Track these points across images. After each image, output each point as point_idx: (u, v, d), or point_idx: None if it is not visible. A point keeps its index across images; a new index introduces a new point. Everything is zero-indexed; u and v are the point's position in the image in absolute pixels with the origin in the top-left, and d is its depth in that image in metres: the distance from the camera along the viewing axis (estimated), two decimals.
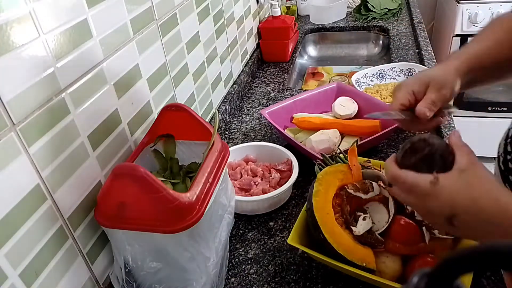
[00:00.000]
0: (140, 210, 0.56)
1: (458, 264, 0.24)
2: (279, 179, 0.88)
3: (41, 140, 0.51)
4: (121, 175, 0.54)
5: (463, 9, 1.95)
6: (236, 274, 0.73)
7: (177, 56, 0.88)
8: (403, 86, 0.63)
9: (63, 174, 0.55)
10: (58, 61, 0.54)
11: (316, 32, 1.79)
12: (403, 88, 0.63)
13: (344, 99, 1.09)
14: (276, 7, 1.49)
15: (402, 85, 0.64)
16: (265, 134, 1.11)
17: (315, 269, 0.71)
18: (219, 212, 0.68)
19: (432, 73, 0.63)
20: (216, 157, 0.65)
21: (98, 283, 0.64)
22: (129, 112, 0.71)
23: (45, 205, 0.52)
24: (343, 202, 0.66)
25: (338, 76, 1.57)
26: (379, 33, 1.72)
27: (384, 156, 0.96)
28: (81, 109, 0.58)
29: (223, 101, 1.19)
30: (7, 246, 0.47)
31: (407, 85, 0.63)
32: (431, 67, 0.66)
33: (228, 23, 1.22)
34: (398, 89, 0.64)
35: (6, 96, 0.46)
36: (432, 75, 0.62)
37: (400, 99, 0.63)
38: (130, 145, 0.71)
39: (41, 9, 0.50)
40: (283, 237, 0.79)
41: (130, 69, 0.71)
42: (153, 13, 0.78)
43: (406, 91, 0.62)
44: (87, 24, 0.59)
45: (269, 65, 1.53)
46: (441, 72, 0.62)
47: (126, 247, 0.60)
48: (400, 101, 0.63)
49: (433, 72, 0.63)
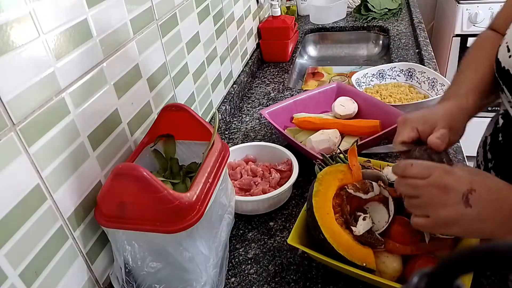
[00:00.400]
0: (140, 210, 0.56)
1: (458, 264, 0.24)
2: (279, 179, 0.88)
3: (41, 140, 0.51)
4: (121, 175, 0.54)
5: (463, 9, 1.95)
6: (236, 274, 0.73)
7: (177, 56, 0.88)
8: (408, 122, 0.61)
9: (63, 174, 0.55)
10: (58, 61, 0.54)
11: (316, 32, 1.79)
12: (408, 124, 0.61)
13: (344, 99, 1.09)
14: (276, 7, 1.49)
15: (407, 121, 0.62)
16: (265, 134, 1.11)
17: (315, 269, 0.71)
18: (219, 212, 0.68)
19: (438, 115, 0.61)
20: (216, 157, 0.65)
21: (98, 283, 0.64)
22: (129, 112, 0.71)
23: (45, 205, 0.52)
24: (343, 202, 0.66)
25: (338, 76, 1.57)
26: (379, 33, 1.72)
27: (384, 156, 0.96)
28: (81, 109, 0.58)
29: (223, 101, 1.19)
30: (7, 246, 0.47)
31: (412, 122, 0.61)
32: (436, 105, 0.65)
33: (228, 23, 1.22)
34: (403, 124, 0.62)
35: (6, 96, 0.46)
36: (439, 117, 0.60)
37: (404, 136, 0.61)
38: (130, 145, 0.71)
39: (41, 9, 0.50)
40: (283, 237, 0.79)
41: (130, 69, 0.71)
42: (153, 13, 0.78)
43: (411, 128, 0.61)
44: (87, 24, 0.59)
45: (269, 65, 1.53)
46: (449, 116, 0.61)
47: (126, 247, 0.60)
48: (404, 138, 0.61)
49: (439, 113, 0.61)
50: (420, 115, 0.62)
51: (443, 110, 0.62)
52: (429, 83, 1.17)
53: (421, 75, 1.20)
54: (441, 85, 1.12)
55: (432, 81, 1.16)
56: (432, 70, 1.22)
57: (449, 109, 0.62)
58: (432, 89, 1.15)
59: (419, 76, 1.20)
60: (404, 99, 1.13)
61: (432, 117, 0.61)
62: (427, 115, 0.61)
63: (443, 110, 0.62)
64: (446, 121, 0.60)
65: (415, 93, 1.17)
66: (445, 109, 0.62)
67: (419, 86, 1.20)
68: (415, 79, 1.21)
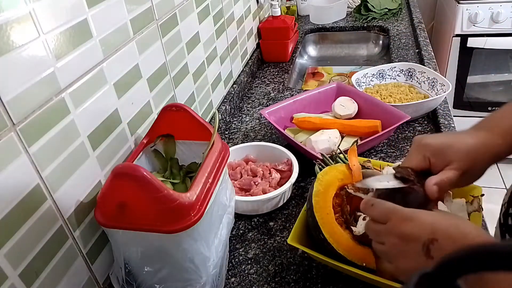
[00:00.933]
0: (140, 210, 0.56)
1: (458, 264, 0.24)
2: (279, 179, 0.88)
3: (41, 140, 0.51)
4: (121, 175, 0.54)
5: (463, 9, 1.95)
6: (236, 274, 0.73)
7: (177, 56, 0.88)
8: (422, 149, 0.54)
9: (63, 174, 0.55)
10: (58, 61, 0.54)
11: (316, 32, 1.79)
12: (422, 151, 0.54)
13: (344, 99, 1.09)
14: (276, 7, 1.49)
15: (422, 146, 0.54)
16: (265, 134, 1.11)
17: (315, 269, 0.71)
18: (219, 212, 0.68)
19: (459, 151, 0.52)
20: (216, 157, 0.65)
21: (98, 283, 0.64)
22: (129, 112, 0.71)
23: (45, 205, 0.52)
24: (343, 202, 0.66)
25: (338, 76, 1.57)
26: (379, 33, 1.72)
27: (384, 156, 0.96)
28: (81, 109, 0.58)
29: (223, 101, 1.19)
30: (7, 246, 0.47)
31: (426, 150, 0.54)
32: (464, 133, 0.55)
33: (228, 23, 1.22)
34: (416, 148, 0.55)
35: (6, 96, 0.46)
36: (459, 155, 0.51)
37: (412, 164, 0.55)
38: (130, 145, 0.71)
39: (41, 9, 0.50)
40: (283, 237, 0.79)
41: (130, 69, 0.71)
42: (153, 13, 0.78)
43: (423, 157, 0.54)
44: (87, 24, 0.59)
45: (269, 65, 1.53)
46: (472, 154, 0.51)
47: (126, 247, 0.60)
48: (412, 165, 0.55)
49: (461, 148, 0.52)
50: (438, 144, 0.53)
51: (467, 146, 0.52)
52: (429, 83, 1.17)
53: (421, 75, 1.20)
54: (441, 85, 1.12)
55: (432, 81, 1.16)
56: (432, 70, 1.22)
57: (475, 145, 0.52)
58: (432, 89, 1.15)
59: (419, 76, 1.20)
60: (404, 99, 1.13)
61: (450, 151, 0.52)
62: (446, 148, 0.53)
63: (466, 145, 0.52)
64: (465, 162, 0.51)
65: (415, 93, 1.17)
66: (469, 145, 0.52)
67: (419, 86, 1.20)
68: (415, 79, 1.21)
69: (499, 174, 2.27)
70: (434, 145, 0.54)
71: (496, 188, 2.13)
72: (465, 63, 2.09)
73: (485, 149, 0.52)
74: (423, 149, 0.54)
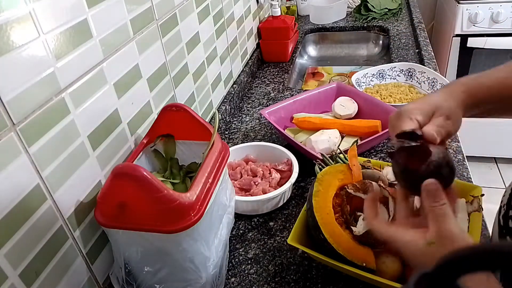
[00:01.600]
0: (140, 210, 0.56)
1: (458, 264, 0.24)
2: (279, 179, 0.88)
3: (41, 140, 0.51)
4: (121, 175, 0.54)
5: (463, 9, 1.95)
6: (236, 274, 0.73)
7: (177, 56, 0.88)
8: (405, 113, 0.53)
9: (63, 174, 0.55)
10: (58, 61, 0.54)
11: (316, 32, 1.79)
12: (405, 115, 0.53)
13: (344, 99, 1.09)
14: (276, 7, 1.49)
15: (403, 112, 0.54)
16: (265, 134, 1.11)
17: (315, 269, 0.71)
18: (219, 212, 0.68)
19: (437, 101, 0.54)
20: (216, 157, 0.65)
21: (98, 283, 0.64)
22: (129, 112, 0.71)
23: (45, 205, 0.52)
24: (343, 202, 0.66)
25: (338, 76, 1.57)
26: (379, 33, 1.72)
27: (384, 156, 0.96)
28: (81, 109, 0.58)
29: (223, 101, 1.19)
30: (7, 246, 0.47)
31: (410, 113, 0.53)
32: (434, 93, 0.58)
33: (228, 23, 1.22)
34: (398, 117, 0.54)
35: (6, 96, 0.46)
36: (438, 104, 0.54)
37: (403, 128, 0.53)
38: (130, 145, 0.71)
39: (41, 9, 0.50)
40: (283, 237, 0.79)
41: (130, 69, 0.71)
42: (153, 13, 0.78)
43: (409, 119, 0.53)
44: (87, 24, 0.59)
45: (269, 65, 1.53)
46: (448, 102, 0.54)
47: (126, 247, 0.60)
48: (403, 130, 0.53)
49: (438, 99, 0.54)
50: (416, 105, 0.54)
51: (440, 97, 0.55)
52: (429, 83, 1.17)
53: (421, 75, 1.20)
54: (441, 85, 1.12)
55: (432, 81, 1.16)
56: (432, 70, 1.22)
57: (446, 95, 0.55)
58: (432, 89, 1.15)
59: (419, 76, 1.20)
60: (404, 99, 1.13)
61: (430, 107, 0.54)
62: (425, 104, 0.54)
63: (439, 96, 0.55)
64: (445, 109, 0.53)
65: (415, 93, 1.17)
66: (442, 95, 0.55)
67: (419, 86, 1.20)
68: (415, 79, 1.22)
69: (499, 174, 2.27)
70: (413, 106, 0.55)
71: (496, 188, 2.13)
72: (465, 63, 2.08)
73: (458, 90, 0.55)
74: (406, 113, 0.54)
